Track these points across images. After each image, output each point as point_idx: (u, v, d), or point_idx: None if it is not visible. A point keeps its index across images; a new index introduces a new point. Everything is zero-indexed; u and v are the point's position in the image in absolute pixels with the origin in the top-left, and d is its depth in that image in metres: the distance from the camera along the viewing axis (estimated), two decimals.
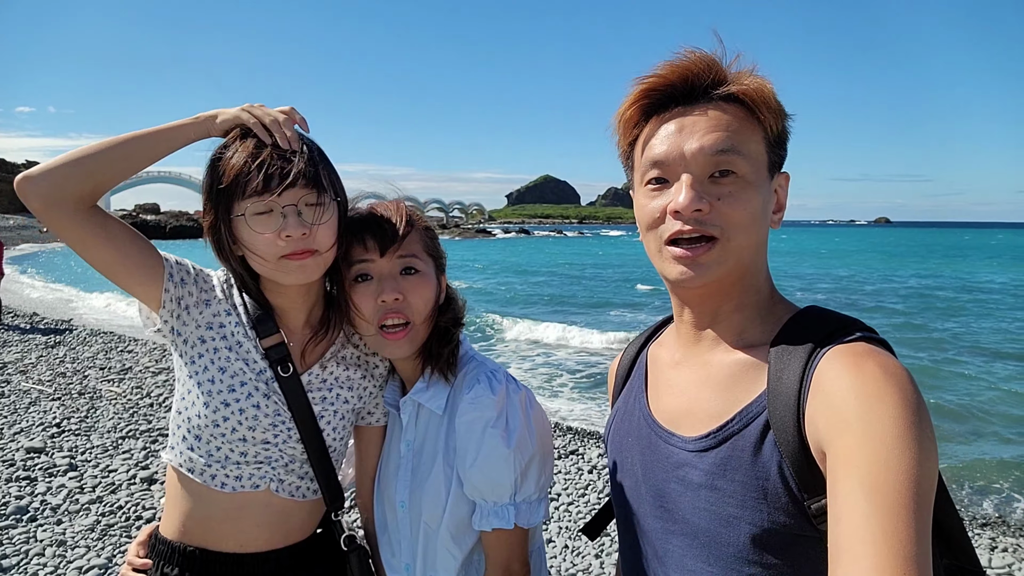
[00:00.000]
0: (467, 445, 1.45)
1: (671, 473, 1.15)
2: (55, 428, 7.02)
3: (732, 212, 1.09)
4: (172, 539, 1.53)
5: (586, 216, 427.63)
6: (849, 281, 33.17)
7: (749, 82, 1.12)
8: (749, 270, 1.15)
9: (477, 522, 1.46)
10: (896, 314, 20.35)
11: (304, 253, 1.40)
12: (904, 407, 0.89)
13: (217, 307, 1.52)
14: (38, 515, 4.95)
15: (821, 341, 1.03)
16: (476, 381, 1.49)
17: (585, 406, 9.59)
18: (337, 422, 1.60)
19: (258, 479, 1.51)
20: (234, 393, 1.48)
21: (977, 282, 32.67)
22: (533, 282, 32.24)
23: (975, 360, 13.49)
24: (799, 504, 0.99)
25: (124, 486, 5.55)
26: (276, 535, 1.55)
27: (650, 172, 1.15)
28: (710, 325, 1.19)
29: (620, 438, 1.33)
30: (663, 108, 1.16)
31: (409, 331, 1.49)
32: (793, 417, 0.99)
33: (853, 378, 0.94)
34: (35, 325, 14.18)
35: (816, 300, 22.41)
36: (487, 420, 1.44)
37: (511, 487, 1.44)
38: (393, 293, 1.46)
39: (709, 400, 1.14)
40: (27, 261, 39.20)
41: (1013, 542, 5.60)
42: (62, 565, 4.26)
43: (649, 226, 1.15)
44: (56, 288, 24.33)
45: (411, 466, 1.57)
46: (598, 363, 12.58)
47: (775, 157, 1.16)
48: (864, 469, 0.85)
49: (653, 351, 1.36)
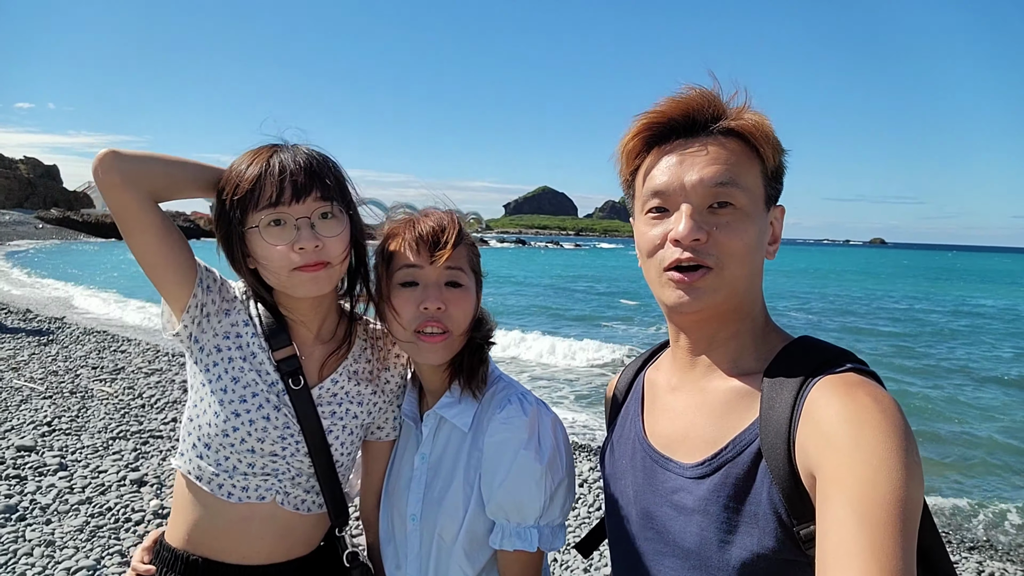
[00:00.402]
0: (496, 465, 1.46)
1: (665, 497, 1.18)
2: (46, 427, 6.99)
3: (729, 242, 1.13)
4: (177, 547, 1.55)
5: (583, 228, 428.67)
6: (843, 300, 33.29)
7: (748, 118, 1.16)
8: (744, 299, 1.19)
9: (497, 541, 1.46)
10: (889, 336, 20.43)
11: (316, 265, 1.42)
12: (892, 432, 0.92)
13: (236, 317, 1.54)
14: (27, 514, 4.92)
15: (813, 371, 1.07)
16: (508, 401, 1.50)
17: (574, 417, 9.59)
18: (346, 437, 1.60)
19: (264, 491, 1.53)
20: (245, 403, 1.49)
21: (970, 306, 32.84)
22: (528, 293, 32.24)
23: (965, 384, 13.55)
24: (788, 530, 1.02)
25: (114, 487, 5.53)
26: (279, 548, 1.56)
27: (651, 201, 1.19)
28: (705, 351, 1.22)
29: (615, 460, 1.37)
30: (664, 140, 1.21)
31: (446, 339, 1.50)
32: (784, 445, 1.03)
33: (843, 405, 0.97)
34: (28, 322, 14.13)
35: (809, 320, 22.51)
36: (520, 441, 1.45)
37: (538, 510, 1.45)
38: (437, 302, 1.47)
39: (704, 427, 1.17)
40: (21, 257, 39.06)
41: (1000, 567, 5.62)
42: (50, 565, 4.23)
43: (649, 253, 1.20)
44: (50, 285, 24.26)
45: (425, 479, 1.57)
46: (587, 376, 12.60)
47: (772, 191, 1.20)
48: (852, 488, 0.88)
49: (650, 375, 1.40)
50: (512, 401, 1.50)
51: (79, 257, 40.65)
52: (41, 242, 58.02)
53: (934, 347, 18.21)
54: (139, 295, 21.39)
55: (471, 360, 1.56)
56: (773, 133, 1.17)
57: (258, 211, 1.40)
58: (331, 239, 1.43)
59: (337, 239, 1.45)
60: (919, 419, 10.55)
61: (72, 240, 65.97)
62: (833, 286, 45.29)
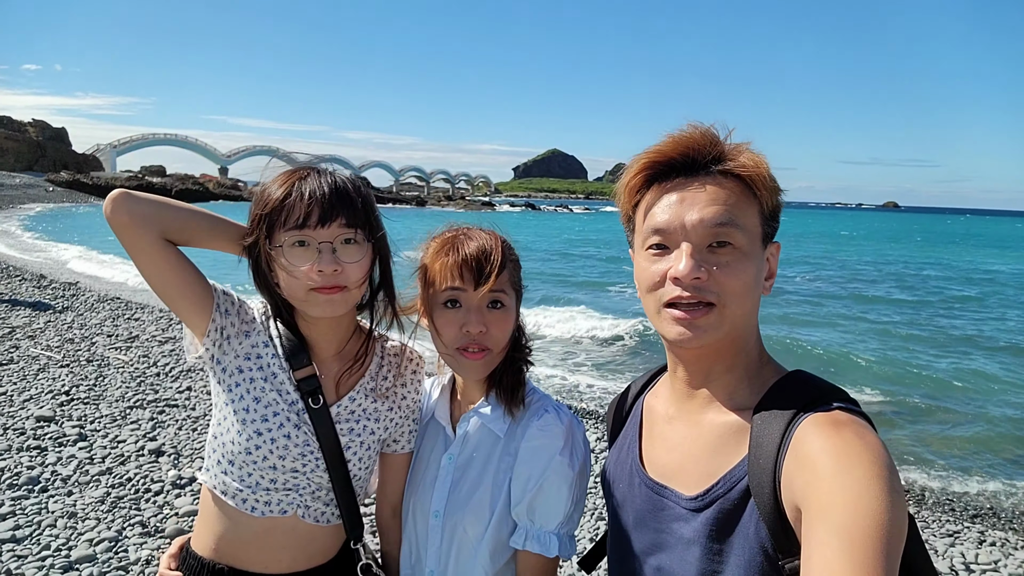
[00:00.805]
0: (531, 468, 1.53)
1: (663, 525, 1.24)
2: (64, 396, 7.13)
3: (729, 281, 1.17)
4: (203, 556, 1.61)
5: (592, 192, 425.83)
6: (854, 266, 33.14)
7: (746, 159, 1.20)
8: (742, 334, 1.23)
9: (520, 542, 1.53)
10: (898, 304, 20.38)
11: (334, 288, 1.47)
12: (877, 467, 0.96)
13: (256, 338, 1.59)
14: (49, 486, 5.05)
15: (801, 409, 1.10)
16: (544, 411, 1.58)
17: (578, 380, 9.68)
18: (363, 452, 1.66)
19: (286, 505, 1.59)
20: (267, 423, 1.55)
21: (981, 272, 32.65)
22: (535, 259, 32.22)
23: (976, 352, 13.56)
24: (774, 564, 1.07)
25: (133, 457, 5.66)
26: (300, 558, 1.63)
27: (651, 238, 1.23)
28: (703, 384, 1.26)
29: (614, 483, 1.42)
30: (665, 178, 1.25)
31: (486, 356, 1.56)
32: (770, 482, 1.07)
33: (828, 442, 1.01)
34: (43, 289, 14.28)
35: (819, 289, 22.42)
36: (556, 448, 1.53)
37: (563, 515, 1.53)
38: (479, 326, 1.52)
39: (699, 460, 1.22)
40: (34, 221, 39.26)
41: (1002, 536, 5.70)
42: (73, 537, 4.36)
43: (649, 288, 1.23)
44: (64, 249, 24.42)
45: (452, 479, 1.63)
46: (593, 342, 12.68)
47: (768, 229, 1.24)
48: (836, 515, 0.92)
49: (648, 401, 1.44)
50: (549, 411, 1.58)
51: (91, 220, 40.82)
52: (54, 205, 58.22)
53: (943, 315, 18.19)
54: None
55: (510, 379, 1.62)
56: (770, 174, 1.21)
57: (285, 231, 1.46)
58: (351, 265, 1.49)
59: (357, 265, 1.50)
60: (926, 391, 10.61)
61: (83, 203, 66.18)
62: (845, 252, 45.09)
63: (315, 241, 1.45)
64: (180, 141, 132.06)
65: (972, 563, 5.05)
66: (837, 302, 20.01)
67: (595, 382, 10.04)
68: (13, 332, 9.93)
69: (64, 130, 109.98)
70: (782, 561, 1.06)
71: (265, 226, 1.48)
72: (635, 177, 1.27)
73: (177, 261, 1.48)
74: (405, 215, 64.39)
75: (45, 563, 4.03)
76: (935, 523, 5.89)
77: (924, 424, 9.05)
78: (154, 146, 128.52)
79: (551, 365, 10.95)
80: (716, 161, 1.21)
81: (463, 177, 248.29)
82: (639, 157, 1.27)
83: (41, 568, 3.98)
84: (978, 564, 5.04)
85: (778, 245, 1.28)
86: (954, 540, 5.50)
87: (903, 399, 10.07)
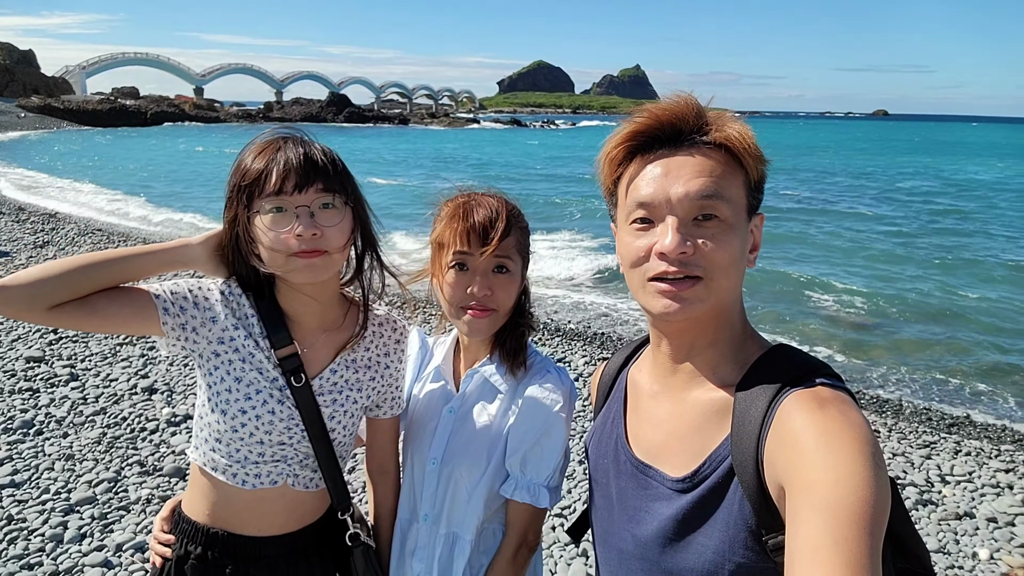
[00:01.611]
0: (532, 422, 1.64)
1: (646, 504, 1.24)
2: (52, 335, 7.12)
3: (715, 255, 1.14)
4: (196, 520, 1.67)
5: (580, 105, 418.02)
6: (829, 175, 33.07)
7: (732, 129, 1.16)
8: (726, 307, 1.21)
9: (510, 491, 1.64)
10: (872, 219, 20.46)
11: (314, 253, 1.48)
12: (860, 443, 0.96)
13: (225, 322, 1.59)
14: (44, 428, 5.10)
15: (784, 385, 1.10)
16: (547, 371, 1.70)
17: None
18: (347, 420, 1.70)
19: (276, 476, 1.64)
20: (250, 401, 1.58)
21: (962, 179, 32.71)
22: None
23: (958, 265, 13.73)
24: (758, 540, 1.08)
25: (126, 396, 5.72)
26: (292, 519, 1.69)
27: (636, 212, 1.19)
28: (686, 359, 1.25)
29: (598, 458, 1.42)
30: (648, 149, 1.20)
31: (491, 315, 1.64)
32: (753, 460, 1.07)
33: (810, 419, 1.01)
34: (22, 223, 14.06)
35: (798, 206, 22.40)
36: (557, 405, 1.64)
37: (551, 470, 1.65)
38: (484, 289, 1.61)
39: (683, 439, 1.22)
40: (7, 150, 38.26)
41: (977, 445, 5.91)
42: (72, 479, 4.43)
43: (633, 264, 1.20)
44: (39, 178, 23.93)
45: (451, 428, 1.72)
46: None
47: (753, 200, 1.21)
48: (820, 493, 0.92)
49: (633, 375, 1.43)
50: (551, 371, 1.70)
51: (67, 146, 39.88)
52: (27, 132, 56.64)
53: (925, 233, 18.28)
54: (120, 186, 21.19)
55: (513, 343, 1.71)
56: (756, 144, 1.17)
57: (262, 198, 1.47)
58: (330, 228, 1.49)
59: (335, 228, 1.50)
60: (911, 299, 10.80)
61: (57, 129, 64.39)
62: (830, 162, 44.91)
63: (292, 206, 1.46)
64: (152, 60, 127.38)
65: (948, 475, 5.25)
66: (814, 220, 20.05)
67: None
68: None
69: (32, 52, 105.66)
70: (765, 537, 1.07)
71: (244, 197, 1.49)
72: (616, 149, 1.23)
73: (93, 308, 1.44)
74: (388, 133, 63.23)
75: (46, 507, 4.12)
76: (912, 434, 6.09)
77: (902, 334, 9.26)
78: (125, 66, 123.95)
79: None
80: (700, 131, 1.18)
81: (446, 93, 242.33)
82: (620, 128, 1.23)
83: (42, 512, 4.06)
84: (953, 476, 5.23)
85: (762, 216, 1.26)
86: (930, 451, 5.70)
87: (882, 309, 10.26)
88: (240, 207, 1.50)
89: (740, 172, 1.18)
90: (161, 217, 17.30)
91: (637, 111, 1.21)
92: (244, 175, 1.49)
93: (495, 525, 1.71)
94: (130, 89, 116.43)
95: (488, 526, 1.70)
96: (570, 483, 4.64)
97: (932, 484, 5.09)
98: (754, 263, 1.25)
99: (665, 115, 1.18)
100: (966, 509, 4.70)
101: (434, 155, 47.32)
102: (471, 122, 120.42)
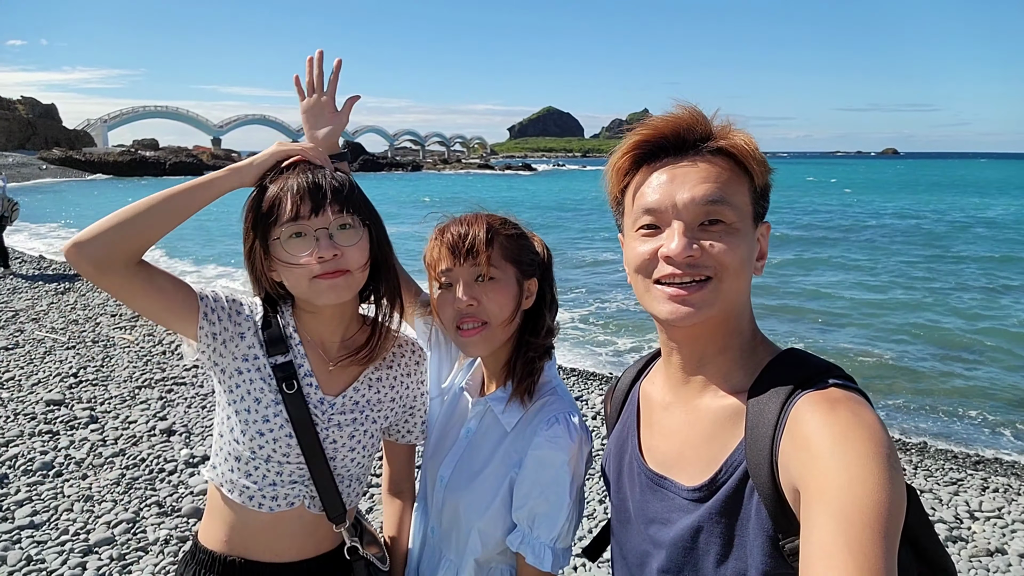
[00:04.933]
0: (536, 477, 1.53)
1: (662, 515, 1.23)
2: (72, 378, 7.18)
3: (723, 255, 1.15)
4: (213, 549, 1.64)
5: (589, 149, 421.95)
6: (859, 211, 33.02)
7: (737, 137, 1.18)
8: (735, 313, 1.21)
9: (515, 544, 1.55)
10: (892, 253, 20.37)
11: (336, 273, 1.49)
12: (874, 445, 0.95)
13: (252, 339, 1.60)
14: (63, 470, 5.10)
15: (795, 388, 1.09)
16: (556, 420, 1.55)
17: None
18: (367, 440, 1.70)
19: (293, 497, 1.62)
20: (268, 423, 1.57)
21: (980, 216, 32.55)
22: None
23: (982, 297, 13.59)
24: (776, 545, 1.07)
25: (145, 438, 5.72)
26: (308, 545, 1.67)
27: (642, 219, 1.21)
28: (698, 369, 1.25)
29: (615, 473, 1.42)
30: (654, 158, 1.22)
31: (484, 330, 1.57)
32: (767, 464, 1.06)
33: (824, 421, 1.00)
34: (43, 271, 14.28)
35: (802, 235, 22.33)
36: (563, 462, 1.52)
37: (559, 529, 1.54)
38: (468, 299, 1.55)
39: (697, 447, 1.21)
40: (28, 199, 39.01)
41: (1004, 482, 5.78)
42: (91, 520, 4.42)
43: (638, 268, 1.21)
44: (59, 229, 24.33)
45: (463, 451, 1.68)
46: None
47: (759, 208, 1.22)
48: (834, 496, 0.91)
49: (645, 388, 1.43)
50: (560, 421, 1.55)
51: (83, 198, 40.61)
52: (45, 181, 57.83)
53: (944, 264, 18.17)
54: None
55: (523, 367, 1.62)
56: (759, 152, 1.19)
57: (280, 225, 1.48)
58: (350, 248, 1.51)
59: (355, 247, 1.52)
60: (932, 331, 10.67)
61: (77, 179, 65.77)
62: (849, 198, 44.90)
63: (311, 229, 1.47)
64: (172, 113, 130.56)
65: (976, 511, 5.12)
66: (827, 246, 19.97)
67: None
68: (17, 316, 9.97)
69: (54, 106, 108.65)
70: (782, 541, 1.06)
71: (261, 227, 1.51)
72: (623, 158, 1.25)
73: (155, 286, 1.47)
74: (402, 180, 63.84)
75: (64, 548, 4.10)
76: (938, 471, 5.97)
77: (925, 373, 9.13)
78: (145, 119, 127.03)
79: None
80: (705, 139, 1.19)
81: (458, 139, 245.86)
82: (626, 138, 1.24)
83: (61, 553, 4.05)
84: (982, 512, 5.11)
85: (768, 225, 1.26)
86: (958, 488, 5.58)
87: (904, 350, 10.14)
88: (259, 238, 1.52)
89: (745, 179, 1.19)
90: (178, 269, 17.42)
91: (642, 123, 1.22)
92: (260, 206, 1.51)
93: (504, 567, 1.63)
94: (150, 141, 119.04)
95: (497, 566, 1.63)
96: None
97: (961, 520, 4.97)
98: (761, 271, 1.25)
99: (670, 125, 1.20)
100: (997, 545, 4.58)
101: (443, 197, 47.78)
102: (483, 167, 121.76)
